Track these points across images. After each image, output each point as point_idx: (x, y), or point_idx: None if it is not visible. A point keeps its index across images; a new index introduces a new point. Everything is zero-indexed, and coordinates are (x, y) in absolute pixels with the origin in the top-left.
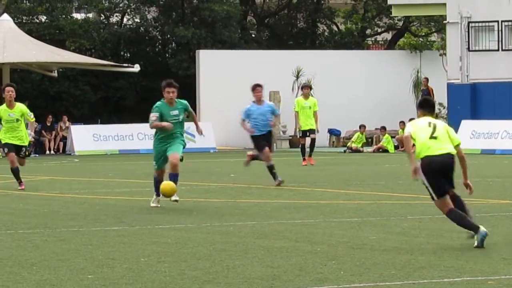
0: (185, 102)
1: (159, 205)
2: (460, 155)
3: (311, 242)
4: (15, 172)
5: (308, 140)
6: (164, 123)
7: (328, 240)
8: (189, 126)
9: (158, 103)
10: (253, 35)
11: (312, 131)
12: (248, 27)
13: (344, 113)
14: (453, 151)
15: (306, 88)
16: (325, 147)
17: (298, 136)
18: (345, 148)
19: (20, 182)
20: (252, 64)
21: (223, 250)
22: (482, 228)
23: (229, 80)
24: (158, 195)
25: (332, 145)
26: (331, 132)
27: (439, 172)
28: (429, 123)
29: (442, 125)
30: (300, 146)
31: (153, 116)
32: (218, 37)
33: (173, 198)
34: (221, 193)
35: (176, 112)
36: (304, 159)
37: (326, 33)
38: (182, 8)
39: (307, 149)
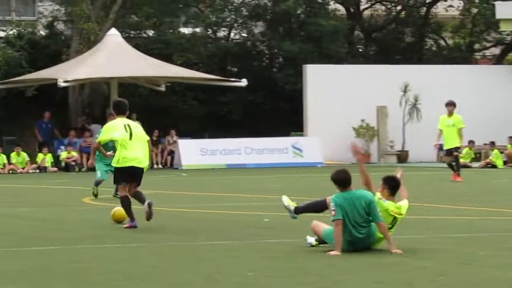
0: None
1: None
2: None
3: (419, 257)
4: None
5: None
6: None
7: (436, 256)
8: (296, 141)
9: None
10: (360, 50)
11: (455, 150)
12: (355, 42)
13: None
14: None
15: (450, 106)
16: (433, 162)
17: (441, 156)
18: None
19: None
20: (359, 78)
21: (331, 265)
22: None
23: (336, 95)
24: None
25: (440, 160)
26: (440, 148)
27: None
28: None
29: None
30: (447, 164)
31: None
32: (325, 52)
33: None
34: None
35: None
36: (454, 174)
37: (433, 48)
38: (289, 23)
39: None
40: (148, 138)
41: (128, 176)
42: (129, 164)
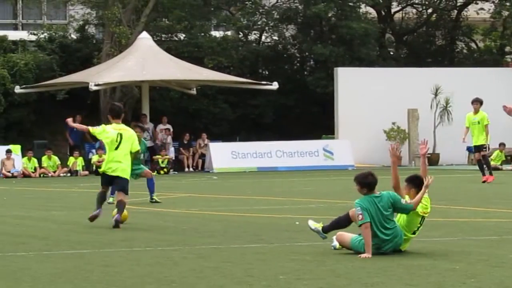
0: None
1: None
2: None
3: (450, 260)
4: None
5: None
6: None
7: (466, 258)
8: (327, 144)
9: None
10: (391, 53)
11: (482, 147)
12: (386, 45)
13: None
14: None
15: (475, 103)
16: (463, 165)
17: (471, 158)
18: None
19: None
20: (390, 81)
21: (362, 267)
22: None
23: (367, 98)
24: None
25: (471, 163)
26: (470, 150)
27: None
28: None
29: None
30: (477, 162)
31: None
32: (356, 55)
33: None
34: None
35: None
36: (484, 175)
37: (464, 51)
38: (321, 26)
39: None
40: (137, 149)
41: (108, 183)
42: (108, 172)
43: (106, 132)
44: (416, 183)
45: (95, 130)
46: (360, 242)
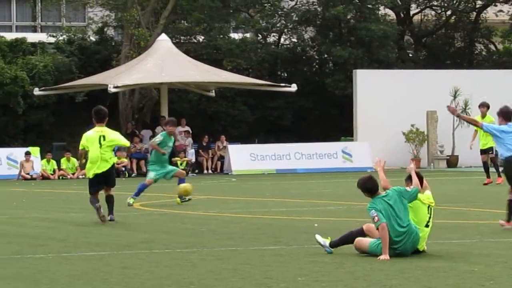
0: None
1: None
2: None
3: (468, 262)
4: None
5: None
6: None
7: (485, 260)
8: (346, 146)
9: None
10: (410, 55)
11: (489, 150)
12: (405, 47)
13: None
14: None
15: (482, 107)
16: (481, 167)
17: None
18: (502, 168)
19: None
20: (409, 83)
21: (380, 269)
22: None
23: (386, 100)
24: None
25: (490, 165)
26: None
27: None
28: None
29: None
30: (482, 164)
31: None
32: (375, 57)
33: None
34: None
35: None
36: (488, 177)
37: (483, 53)
38: (339, 28)
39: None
40: (127, 144)
41: (102, 183)
42: (97, 172)
43: (87, 140)
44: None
45: (82, 147)
46: (378, 246)
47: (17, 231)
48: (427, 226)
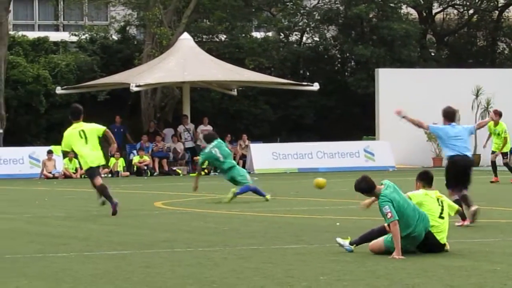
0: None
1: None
2: None
3: (491, 261)
4: None
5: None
6: None
7: (507, 259)
8: (368, 145)
9: None
10: (432, 54)
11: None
12: (427, 46)
13: None
14: None
15: (495, 115)
16: (504, 166)
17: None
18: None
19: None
20: (432, 82)
21: (402, 268)
22: None
23: (408, 99)
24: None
25: None
26: (510, 151)
27: None
28: None
29: None
30: (491, 163)
31: None
32: (397, 56)
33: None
34: None
35: None
36: (496, 176)
37: (506, 52)
38: (362, 27)
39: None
40: (103, 128)
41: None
42: (90, 165)
43: (68, 139)
44: (422, 177)
45: (62, 145)
46: (392, 241)
47: (39, 230)
48: (441, 217)
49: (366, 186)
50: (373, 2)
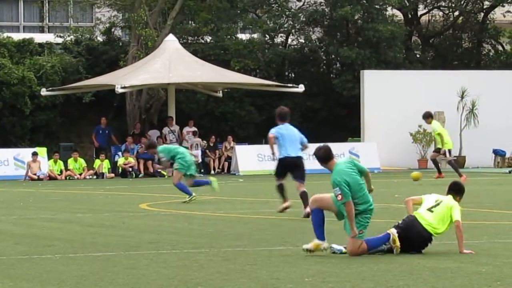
0: None
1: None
2: None
3: (476, 263)
4: None
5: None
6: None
7: (493, 261)
8: (353, 146)
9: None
10: (418, 55)
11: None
12: (412, 47)
13: (509, 133)
14: None
15: (426, 118)
16: (489, 168)
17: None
18: (510, 169)
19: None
20: (417, 84)
21: (388, 270)
22: None
23: (393, 100)
24: None
25: (497, 165)
26: (496, 152)
27: None
28: None
29: None
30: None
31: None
32: (382, 58)
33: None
34: (384, 213)
35: None
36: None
37: (491, 53)
38: (347, 29)
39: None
40: None
41: None
42: None
43: None
44: (454, 188)
45: None
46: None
47: (24, 232)
48: (430, 210)
49: (323, 155)
50: (359, 4)
